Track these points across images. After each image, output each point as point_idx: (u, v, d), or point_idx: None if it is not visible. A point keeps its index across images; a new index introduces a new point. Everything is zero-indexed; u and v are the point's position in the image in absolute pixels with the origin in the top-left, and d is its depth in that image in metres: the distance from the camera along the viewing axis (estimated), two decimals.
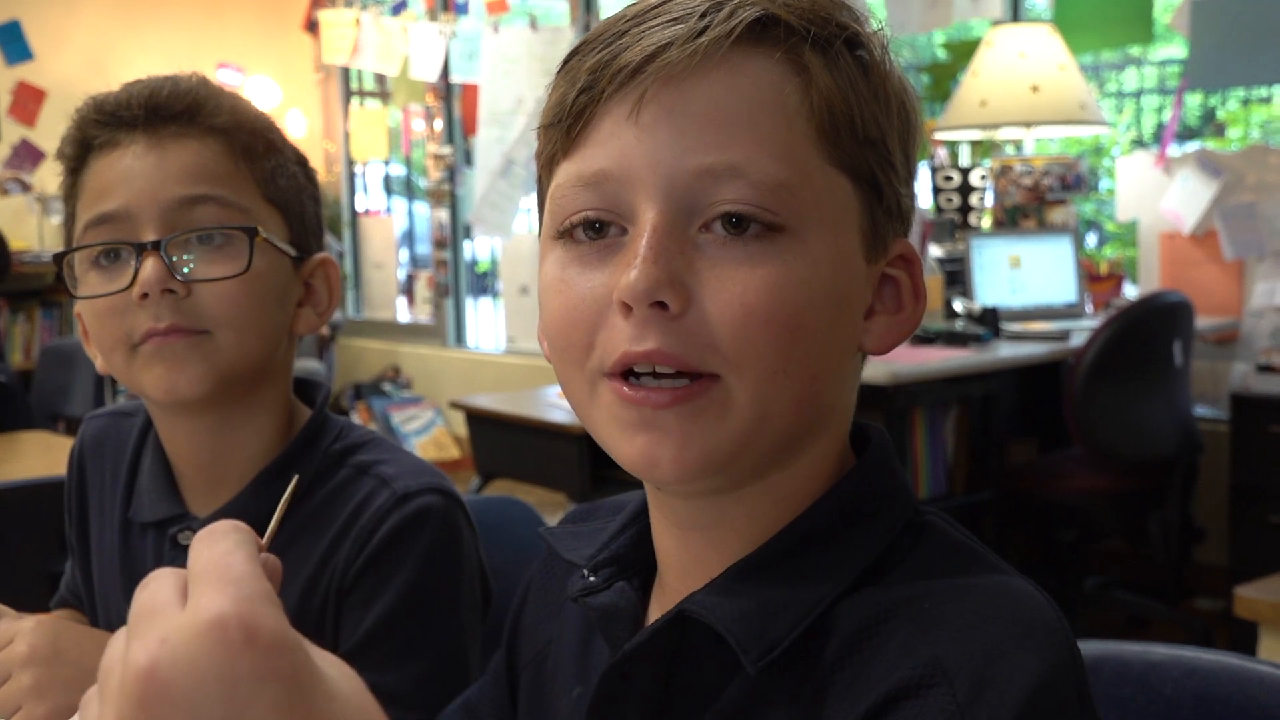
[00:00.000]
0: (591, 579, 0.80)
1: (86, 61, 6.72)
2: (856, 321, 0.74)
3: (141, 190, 1.11)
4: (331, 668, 0.49)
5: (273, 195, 1.17)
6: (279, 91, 7.46)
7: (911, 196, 0.77)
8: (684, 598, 0.72)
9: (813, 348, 0.70)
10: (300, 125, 7.55)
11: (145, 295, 1.08)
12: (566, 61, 0.75)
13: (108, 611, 1.22)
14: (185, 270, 1.10)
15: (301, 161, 1.23)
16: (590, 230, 0.72)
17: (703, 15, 0.71)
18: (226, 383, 1.12)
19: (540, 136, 0.77)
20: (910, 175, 0.76)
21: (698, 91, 0.70)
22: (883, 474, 0.77)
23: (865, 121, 0.72)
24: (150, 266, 1.08)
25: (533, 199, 6.28)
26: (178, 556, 1.15)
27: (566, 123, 0.73)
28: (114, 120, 1.14)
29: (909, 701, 0.63)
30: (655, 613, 0.79)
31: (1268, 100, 7.24)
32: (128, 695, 0.45)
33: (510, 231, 6.13)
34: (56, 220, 6.50)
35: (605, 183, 0.71)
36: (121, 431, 1.26)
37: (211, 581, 0.47)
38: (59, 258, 1.15)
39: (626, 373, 0.70)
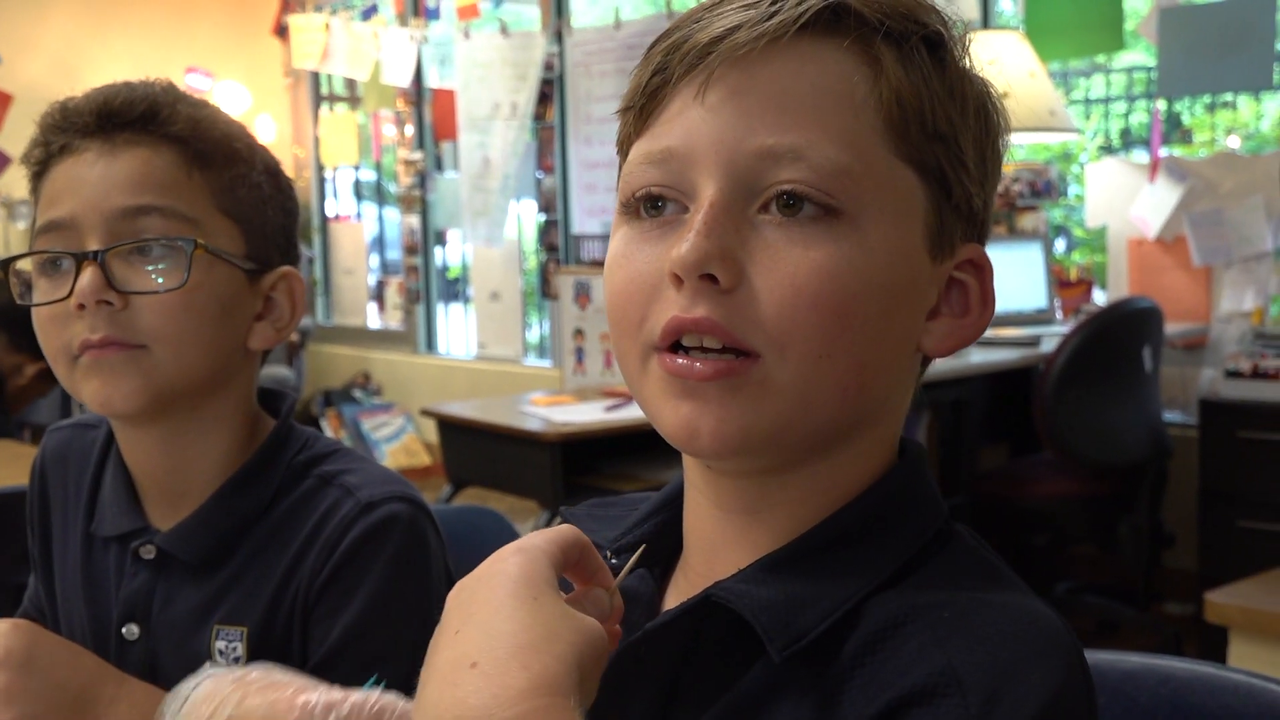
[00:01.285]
0: (614, 561, 0.80)
1: (54, 65, 6.67)
2: (916, 319, 0.74)
3: (87, 199, 1.09)
4: None
5: (228, 206, 1.14)
6: (248, 96, 7.43)
7: (986, 200, 0.77)
8: (710, 584, 0.73)
9: (861, 336, 0.70)
10: (269, 130, 7.52)
11: (82, 305, 1.07)
12: (651, 48, 0.76)
13: (70, 626, 1.21)
14: (123, 281, 1.08)
15: (271, 171, 1.19)
16: (653, 207, 0.73)
17: (774, 1, 0.72)
18: (165, 398, 1.10)
19: (620, 120, 0.78)
20: (985, 178, 0.76)
21: (763, 74, 0.71)
22: (919, 480, 0.77)
23: (936, 117, 0.72)
24: (87, 277, 1.07)
25: (519, 206, 6.28)
26: (139, 570, 1.14)
27: (639, 103, 0.75)
28: (71, 126, 1.12)
29: (921, 708, 0.63)
30: (672, 600, 0.80)
31: (1233, 106, 7.29)
32: None
33: (501, 239, 6.11)
34: (23, 225, 6.44)
35: (670, 160, 0.72)
36: (84, 444, 1.24)
37: None
38: (3, 264, 1.14)
39: (675, 346, 0.71)
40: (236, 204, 1.14)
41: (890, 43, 0.72)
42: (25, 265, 1.14)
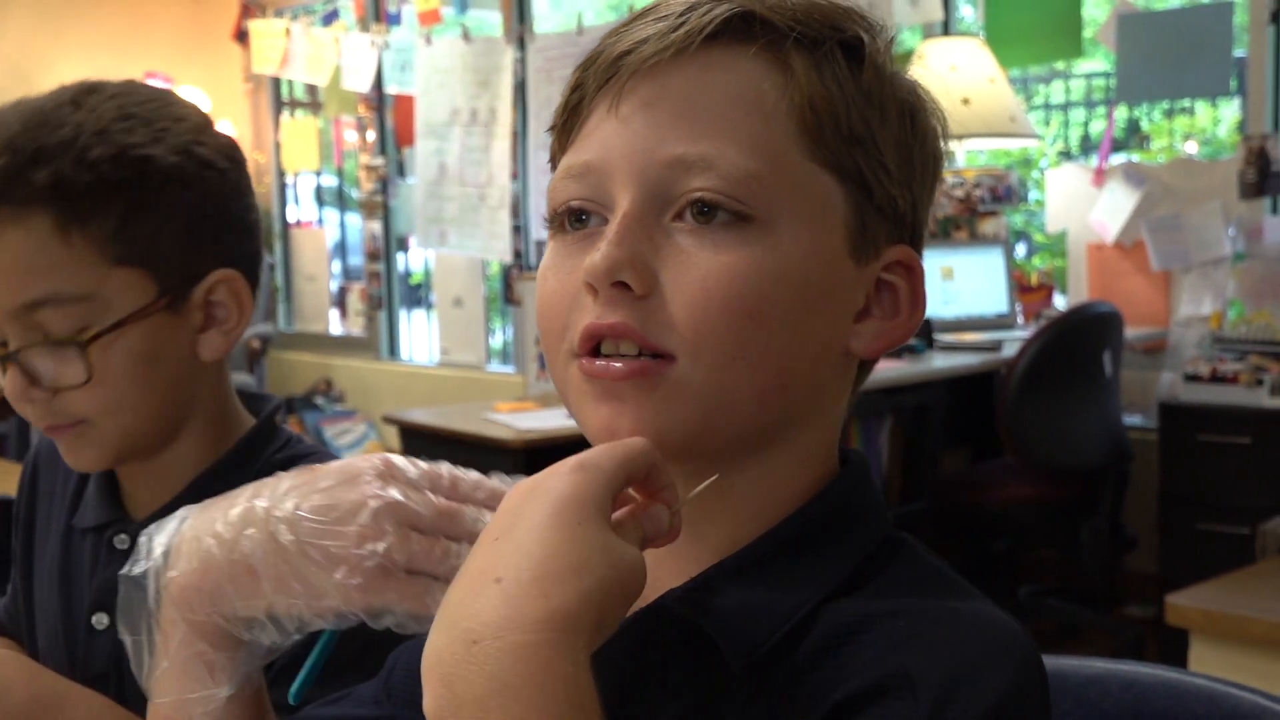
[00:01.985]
0: None
1: (8, 70, 6.60)
2: (840, 321, 0.75)
3: None
4: None
5: (123, 254, 1.05)
6: (207, 101, 7.37)
7: (915, 202, 0.77)
8: (660, 594, 0.73)
9: (777, 338, 0.71)
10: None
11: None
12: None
13: (45, 619, 1.20)
14: (44, 376, 1.06)
15: (175, 167, 1.07)
16: (576, 221, 0.75)
17: (683, 13, 0.73)
18: (130, 451, 1.11)
19: (552, 138, 0.80)
20: (911, 180, 0.76)
21: (674, 85, 0.72)
22: (864, 489, 0.78)
23: (852, 121, 0.73)
24: (10, 378, 1.05)
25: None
26: (113, 561, 1.12)
27: (562, 120, 0.77)
28: None
29: (873, 706, 0.63)
30: None
31: (1190, 112, 7.37)
32: None
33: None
34: None
35: (589, 174, 0.74)
36: None
37: None
38: None
39: (595, 352, 0.72)
40: (132, 245, 1.05)
41: (802, 49, 0.73)
42: None
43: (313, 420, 6.73)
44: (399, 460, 0.76)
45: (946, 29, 4.79)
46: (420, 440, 3.53)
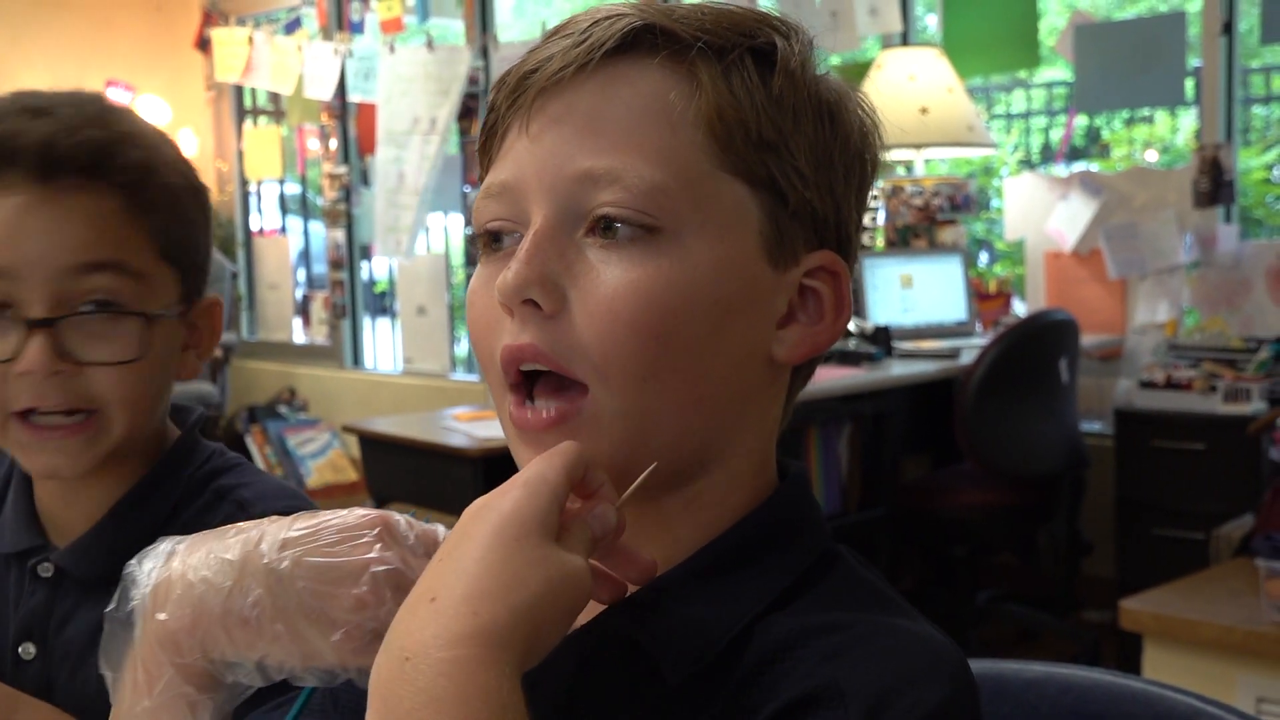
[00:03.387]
0: None
1: None
2: (760, 329, 0.74)
3: (29, 252, 1.02)
4: None
5: (168, 251, 1.08)
6: (169, 110, 7.34)
7: (834, 204, 0.76)
8: (600, 610, 0.73)
9: (688, 354, 0.71)
10: (192, 144, 7.42)
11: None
12: None
13: None
14: (74, 349, 1.03)
15: (197, 192, 1.14)
16: (496, 240, 0.75)
17: (587, 29, 0.74)
18: (110, 458, 1.08)
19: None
20: (833, 184, 0.76)
21: (580, 100, 0.73)
22: (801, 504, 0.78)
23: (762, 128, 0.73)
24: (37, 346, 1.02)
25: (445, 220, 6.25)
26: (37, 589, 1.12)
27: (482, 141, 0.78)
28: (3, 159, 1.03)
29: (804, 717, 0.64)
30: None
31: (1150, 120, 7.43)
32: None
33: (413, 252, 6.07)
34: None
35: (505, 193, 0.74)
36: None
37: None
38: None
39: (520, 384, 0.73)
40: (174, 247, 1.09)
41: (709, 58, 0.73)
42: None
43: (276, 429, 6.69)
44: (398, 522, 0.75)
45: (906, 39, 4.82)
46: (379, 449, 3.52)
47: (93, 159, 1.05)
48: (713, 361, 0.72)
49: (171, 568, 0.74)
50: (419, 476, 3.37)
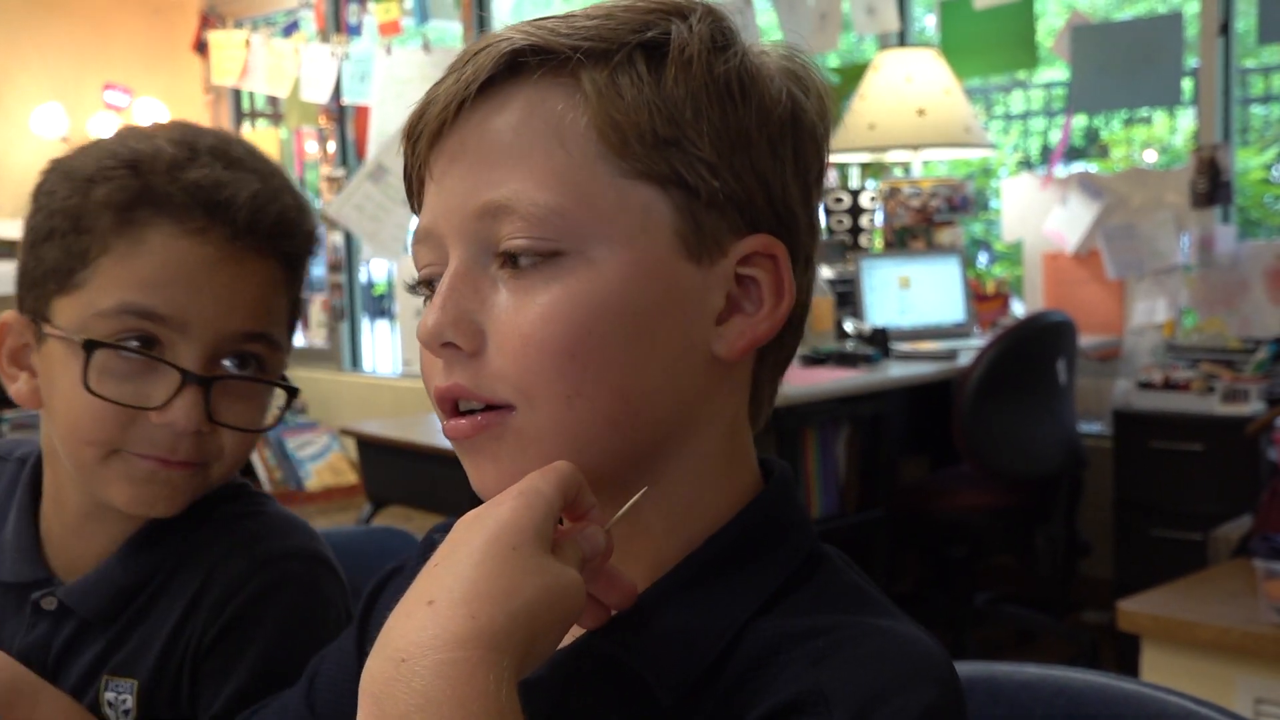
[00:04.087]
0: None
1: None
2: (694, 328, 0.72)
3: (205, 309, 1.01)
4: None
5: (291, 324, 1.11)
6: (167, 113, 7.34)
7: (760, 181, 0.73)
8: (582, 633, 0.73)
9: (611, 366, 0.70)
10: None
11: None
12: None
13: None
14: (217, 411, 1.03)
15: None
16: (429, 286, 0.75)
17: (464, 64, 0.73)
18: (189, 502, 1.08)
19: None
20: (750, 162, 0.73)
21: (470, 135, 0.73)
22: (785, 505, 0.77)
23: (656, 124, 0.71)
24: (190, 404, 1.01)
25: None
26: (39, 622, 1.10)
27: (408, 188, 0.79)
28: (198, 204, 1.01)
29: None
30: None
31: (1148, 121, 7.43)
32: None
33: (399, 253, 6.07)
34: None
35: (427, 239, 0.75)
36: None
37: None
38: (89, 345, 1.00)
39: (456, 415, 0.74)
40: (295, 321, 1.12)
41: (592, 65, 0.71)
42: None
43: (275, 432, 6.69)
44: None
45: (903, 40, 4.82)
46: (376, 451, 3.52)
47: (281, 228, 1.06)
48: (643, 369, 0.71)
49: None
50: (415, 479, 3.37)
